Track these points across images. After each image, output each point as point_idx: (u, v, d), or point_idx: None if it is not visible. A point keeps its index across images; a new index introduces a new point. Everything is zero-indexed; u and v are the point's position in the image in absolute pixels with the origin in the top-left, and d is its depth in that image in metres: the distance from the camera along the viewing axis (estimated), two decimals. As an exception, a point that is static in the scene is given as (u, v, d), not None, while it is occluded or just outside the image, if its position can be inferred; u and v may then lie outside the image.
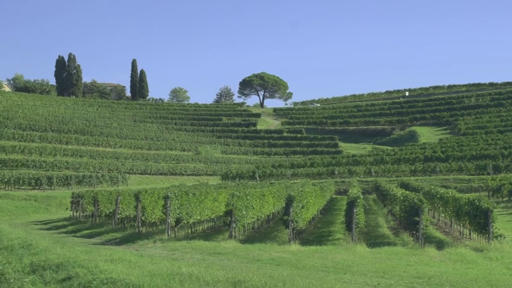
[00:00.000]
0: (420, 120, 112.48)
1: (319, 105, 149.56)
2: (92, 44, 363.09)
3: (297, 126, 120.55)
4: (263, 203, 29.00)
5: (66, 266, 15.79)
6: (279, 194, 34.68)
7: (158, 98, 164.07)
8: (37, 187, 59.23)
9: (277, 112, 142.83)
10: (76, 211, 40.97)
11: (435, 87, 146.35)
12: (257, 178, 69.49)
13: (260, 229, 30.47)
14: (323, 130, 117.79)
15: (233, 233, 24.46)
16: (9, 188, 57.81)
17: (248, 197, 25.82)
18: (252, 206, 26.36)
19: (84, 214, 39.50)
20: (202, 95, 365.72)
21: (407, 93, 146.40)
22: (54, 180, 60.38)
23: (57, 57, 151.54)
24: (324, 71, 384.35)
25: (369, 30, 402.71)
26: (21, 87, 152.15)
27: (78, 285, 13.55)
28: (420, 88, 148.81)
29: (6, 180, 57.89)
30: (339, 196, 53.67)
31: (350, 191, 30.60)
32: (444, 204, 28.73)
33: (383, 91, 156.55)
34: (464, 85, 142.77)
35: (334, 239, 25.08)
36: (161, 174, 78.28)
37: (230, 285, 12.07)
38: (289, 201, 23.73)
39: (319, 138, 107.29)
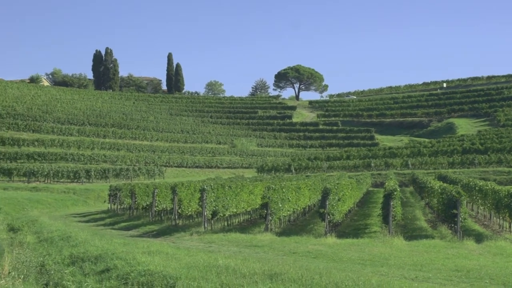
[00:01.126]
0: (458, 112, 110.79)
1: (355, 97, 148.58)
2: (128, 38, 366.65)
3: (333, 118, 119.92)
4: (299, 195, 28.93)
5: (105, 258, 15.96)
6: (315, 187, 34.57)
7: (193, 92, 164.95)
8: (76, 180, 60.05)
9: (312, 104, 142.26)
10: (114, 204, 41.42)
11: (473, 78, 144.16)
12: (293, 170, 69.37)
13: (296, 221, 30.42)
14: (359, 122, 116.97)
15: (269, 225, 24.46)
16: (49, 181, 58.72)
17: (284, 190, 25.78)
18: (288, 198, 26.32)
19: (122, 206, 39.91)
20: (238, 88, 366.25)
21: (444, 85, 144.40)
22: (92, 173, 61.14)
23: (94, 52, 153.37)
24: (360, 63, 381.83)
25: (406, 21, 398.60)
26: (60, 81, 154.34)
27: (117, 277, 13.68)
28: (458, 80, 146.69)
29: (45, 173, 58.83)
30: (375, 189, 53.28)
31: (386, 183, 30.35)
32: (483, 196, 28.31)
33: (420, 82, 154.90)
34: (503, 76, 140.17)
35: (371, 232, 24.91)
36: (197, 167, 78.66)
37: (267, 277, 12.06)
38: (325, 193, 23.63)
39: (355, 130, 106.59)
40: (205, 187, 25.86)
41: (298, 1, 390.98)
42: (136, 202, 35.84)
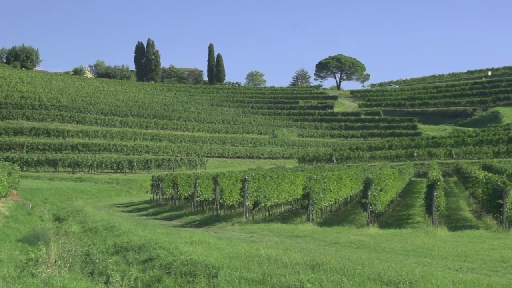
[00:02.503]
0: (504, 101, 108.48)
1: (397, 86, 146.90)
2: (170, 29, 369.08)
3: (375, 108, 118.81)
4: (340, 186, 28.80)
5: (148, 248, 16.14)
6: (356, 177, 34.36)
7: (234, 82, 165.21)
8: (119, 170, 60.84)
9: (354, 94, 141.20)
10: (156, 194, 41.82)
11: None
12: (334, 161, 69.02)
13: (337, 212, 30.30)
14: (401, 111, 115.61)
15: (310, 216, 24.42)
16: (93, 172, 59.64)
17: (325, 180, 25.69)
18: (330, 189, 26.22)
19: (164, 197, 40.26)
20: (279, 78, 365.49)
21: (489, 73, 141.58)
22: (135, 164, 61.86)
23: (137, 43, 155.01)
24: (403, 52, 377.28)
25: (449, 8, 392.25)
26: (103, 73, 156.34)
27: (160, 266, 13.82)
28: (504, 68, 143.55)
29: (89, 164, 59.75)
30: (418, 179, 52.67)
31: (430, 173, 29.96)
32: (529, 186, 27.72)
33: (464, 71, 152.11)
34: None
35: (414, 222, 24.66)
36: (238, 157, 78.88)
37: (309, 267, 12.04)
38: (367, 184, 23.48)
39: (398, 120, 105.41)
40: (247, 177, 25.91)
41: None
42: (178, 193, 36.11)
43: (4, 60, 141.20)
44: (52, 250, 13.71)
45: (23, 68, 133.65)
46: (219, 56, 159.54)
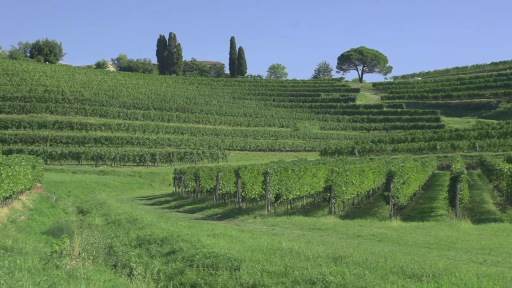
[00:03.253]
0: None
1: (420, 78, 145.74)
2: (191, 22, 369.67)
3: (397, 100, 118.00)
4: (362, 178, 28.69)
5: (170, 241, 16.22)
6: (379, 170, 34.21)
7: (256, 75, 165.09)
8: (141, 163, 61.18)
9: (376, 86, 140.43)
10: (179, 187, 41.98)
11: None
12: (356, 153, 68.76)
13: (360, 205, 30.20)
14: (424, 104, 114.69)
15: (332, 208, 24.37)
16: (115, 165, 60.03)
17: (347, 173, 25.60)
18: (352, 181, 26.13)
19: (186, 190, 40.40)
20: (300, 71, 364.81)
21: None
22: (157, 157, 62.16)
23: (158, 37, 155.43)
24: (425, 44, 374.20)
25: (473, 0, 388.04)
26: (125, 66, 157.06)
27: (182, 259, 13.88)
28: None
29: (112, 157, 60.16)
30: (441, 172, 52.27)
31: (453, 166, 29.71)
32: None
33: (489, 62, 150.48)
34: None
35: (437, 215, 24.48)
36: (260, 150, 78.90)
37: (331, 260, 12.02)
38: (390, 176, 23.35)
39: (420, 112, 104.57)
40: (269, 170, 25.90)
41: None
42: (200, 185, 36.22)
43: (28, 54, 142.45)
44: (76, 243, 13.82)
45: (47, 62, 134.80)
46: (240, 49, 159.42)
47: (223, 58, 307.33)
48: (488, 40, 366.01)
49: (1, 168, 18.67)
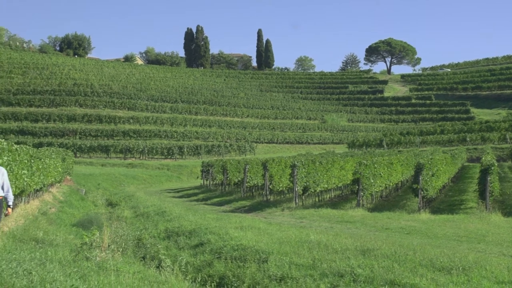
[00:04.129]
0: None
1: (449, 70, 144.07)
2: (219, 15, 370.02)
3: (426, 92, 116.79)
4: (391, 171, 28.52)
5: (199, 233, 16.29)
6: (407, 162, 33.96)
7: (283, 68, 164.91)
8: (169, 156, 61.54)
9: (405, 78, 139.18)
10: (206, 180, 42.15)
11: None
12: (385, 146, 68.34)
13: (388, 197, 30.03)
14: (453, 95, 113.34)
15: (360, 201, 24.27)
16: (144, 158, 60.47)
17: (375, 165, 25.47)
18: (380, 174, 26.00)
19: (214, 182, 40.55)
20: (328, 63, 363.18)
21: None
22: (185, 150, 62.47)
23: (186, 30, 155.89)
24: (455, 35, 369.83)
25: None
26: (153, 59, 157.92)
27: (210, 251, 13.93)
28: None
29: (140, 150, 60.61)
30: (471, 164, 51.70)
31: (483, 158, 29.34)
32: None
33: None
34: None
35: (467, 208, 24.24)
36: (287, 143, 78.82)
37: (359, 253, 11.97)
38: (419, 169, 23.19)
39: (450, 104, 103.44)
40: (296, 162, 25.87)
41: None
42: (228, 178, 36.32)
43: (58, 48, 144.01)
44: (105, 235, 13.95)
45: (76, 56, 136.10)
46: (268, 41, 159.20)
47: (251, 51, 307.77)
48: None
49: (32, 161, 18.91)
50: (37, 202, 21.87)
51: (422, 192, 23.02)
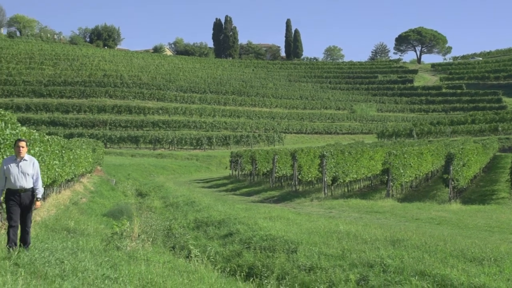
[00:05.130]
0: None
1: (480, 58, 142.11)
2: (247, 5, 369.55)
3: (457, 81, 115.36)
4: (421, 161, 28.30)
5: (228, 223, 16.35)
6: (438, 152, 33.66)
7: (312, 57, 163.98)
8: (198, 147, 61.77)
9: (435, 67, 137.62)
10: (235, 170, 42.23)
11: None
12: (414, 136, 67.73)
13: (418, 187, 29.81)
14: (485, 85, 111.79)
15: (390, 191, 24.13)
16: (173, 148, 60.78)
17: (405, 155, 25.30)
18: (410, 164, 25.81)
19: (243, 172, 40.61)
20: (357, 53, 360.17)
21: None
22: (214, 140, 62.65)
23: (214, 20, 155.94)
24: (487, 23, 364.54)
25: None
26: (181, 50, 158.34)
27: (239, 241, 13.98)
28: None
29: (169, 140, 60.94)
30: (503, 154, 50.95)
31: (515, 148, 28.98)
32: None
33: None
34: None
35: (498, 198, 23.96)
36: (316, 133, 78.57)
37: (389, 243, 11.92)
38: (449, 159, 22.98)
39: (481, 93, 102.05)
40: (325, 153, 25.81)
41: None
42: (257, 168, 36.35)
43: (88, 39, 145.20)
44: (135, 225, 14.07)
45: (106, 47, 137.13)
46: (296, 31, 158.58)
47: (279, 41, 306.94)
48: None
49: (63, 151, 19.13)
50: (68, 192, 22.14)
51: (452, 182, 22.82)
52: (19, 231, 9.01)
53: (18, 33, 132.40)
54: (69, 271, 7.79)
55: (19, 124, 12.19)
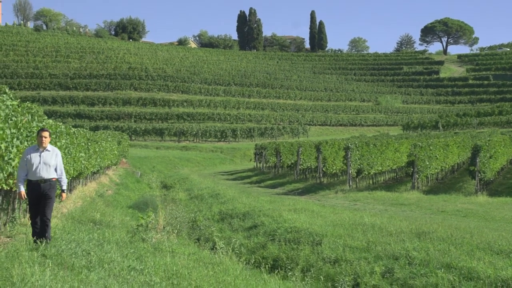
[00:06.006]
0: None
1: (508, 49, 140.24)
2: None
3: (484, 72, 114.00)
4: (447, 153, 28.07)
5: (252, 215, 16.38)
6: (464, 144, 33.36)
7: (337, 49, 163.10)
8: (223, 139, 61.93)
9: (461, 58, 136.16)
10: (259, 162, 42.25)
11: None
12: (440, 127, 67.13)
13: (444, 180, 29.56)
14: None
15: (415, 184, 23.98)
16: (197, 141, 61.01)
17: (431, 147, 25.11)
18: (436, 156, 25.61)
19: (267, 165, 40.62)
20: (382, 44, 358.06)
21: None
22: (238, 133, 62.74)
23: (239, 12, 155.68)
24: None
25: None
26: (206, 43, 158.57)
27: (264, 233, 14.00)
28: None
29: (194, 132, 61.16)
30: (530, 146, 50.33)
31: (543, 140, 28.63)
32: None
33: None
34: None
35: (526, 191, 23.69)
36: (340, 125, 78.30)
37: (414, 236, 11.84)
38: (476, 151, 22.75)
39: (508, 84, 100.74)
40: (350, 145, 25.72)
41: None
42: (281, 161, 36.33)
43: (113, 32, 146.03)
44: (160, 217, 14.16)
45: (130, 40, 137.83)
46: (321, 23, 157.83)
47: (303, 33, 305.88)
48: None
49: (89, 144, 19.30)
50: (94, 184, 22.34)
51: (479, 174, 22.61)
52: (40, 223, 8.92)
53: (44, 27, 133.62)
54: (95, 263, 7.87)
55: (46, 117, 12.31)
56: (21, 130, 9.68)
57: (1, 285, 5.87)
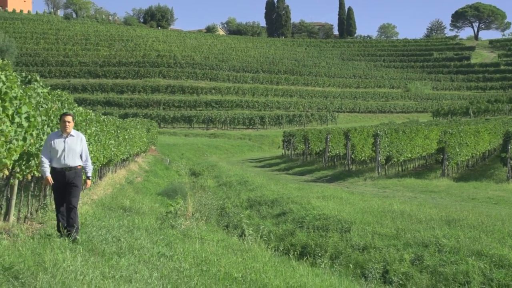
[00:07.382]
0: None
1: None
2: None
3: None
4: (477, 140, 27.75)
5: (281, 202, 16.39)
6: (495, 131, 32.94)
7: (365, 35, 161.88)
8: (251, 126, 61.95)
9: (493, 44, 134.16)
10: (288, 150, 42.21)
11: None
12: (471, 114, 66.35)
13: (474, 167, 29.26)
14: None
15: (445, 171, 23.78)
16: (225, 128, 61.11)
17: (461, 134, 24.85)
18: (466, 143, 25.35)
19: (295, 152, 40.56)
20: (412, 30, 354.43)
21: None
22: (266, 120, 62.69)
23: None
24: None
25: None
26: (234, 30, 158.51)
27: (292, 220, 14.01)
28: None
29: (222, 120, 61.27)
30: None
31: None
32: None
33: None
34: None
35: (559, 178, 23.31)
36: (369, 112, 77.78)
37: (444, 223, 11.75)
38: (507, 137, 22.48)
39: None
40: (379, 132, 25.57)
41: None
42: (310, 148, 36.26)
43: (141, 20, 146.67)
44: (189, 204, 14.24)
45: (159, 27, 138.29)
46: (349, 9, 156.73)
47: (332, 19, 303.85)
48: None
49: (118, 131, 19.44)
50: (123, 172, 22.53)
51: (511, 161, 22.31)
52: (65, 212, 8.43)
53: (74, 15, 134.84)
54: (125, 249, 7.94)
55: (76, 105, 12.43)
56: (52, 118, 9.77)
57: (35, 270, 5.96)
